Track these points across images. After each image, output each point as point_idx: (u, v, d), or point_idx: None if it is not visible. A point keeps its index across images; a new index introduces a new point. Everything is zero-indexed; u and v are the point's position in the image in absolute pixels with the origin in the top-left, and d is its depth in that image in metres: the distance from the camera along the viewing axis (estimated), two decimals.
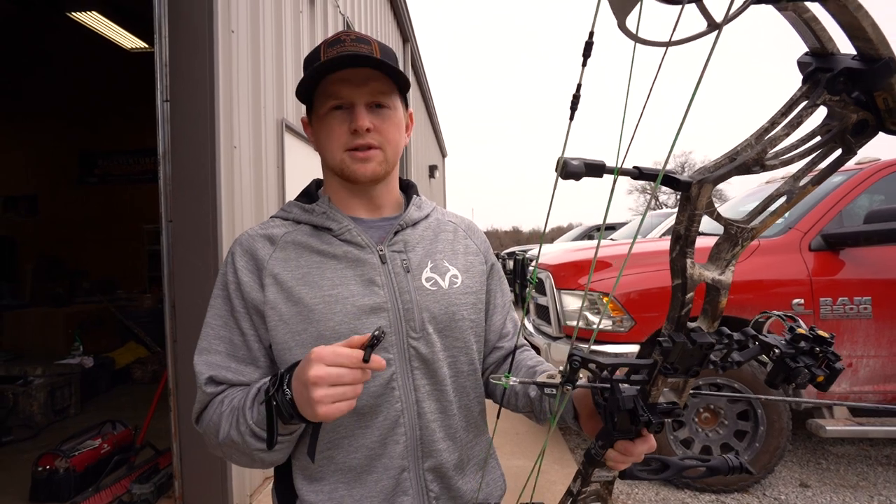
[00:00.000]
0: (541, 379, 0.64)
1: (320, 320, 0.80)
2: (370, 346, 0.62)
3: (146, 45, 5.76)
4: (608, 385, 0.58)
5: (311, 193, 0.94)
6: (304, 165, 3.78)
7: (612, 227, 10.63)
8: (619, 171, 0.41)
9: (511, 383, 0.62)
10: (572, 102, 0.38)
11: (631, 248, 0.50)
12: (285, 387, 0.67)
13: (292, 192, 3.40)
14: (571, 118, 0.39)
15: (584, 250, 3.88)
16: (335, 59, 0.79)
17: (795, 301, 2.86)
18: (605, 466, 0.66)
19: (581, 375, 0.57)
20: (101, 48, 5.80)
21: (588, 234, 10.82)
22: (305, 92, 0.86)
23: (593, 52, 0.38)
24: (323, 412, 0.63)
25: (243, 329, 0.83)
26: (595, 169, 0.41)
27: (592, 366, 0.55)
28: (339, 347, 0.64)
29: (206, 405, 0.82)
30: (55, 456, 2.75)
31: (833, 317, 2.83)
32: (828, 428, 2.80)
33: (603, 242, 5.45)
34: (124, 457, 2.93)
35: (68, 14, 5.02)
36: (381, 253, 0.86)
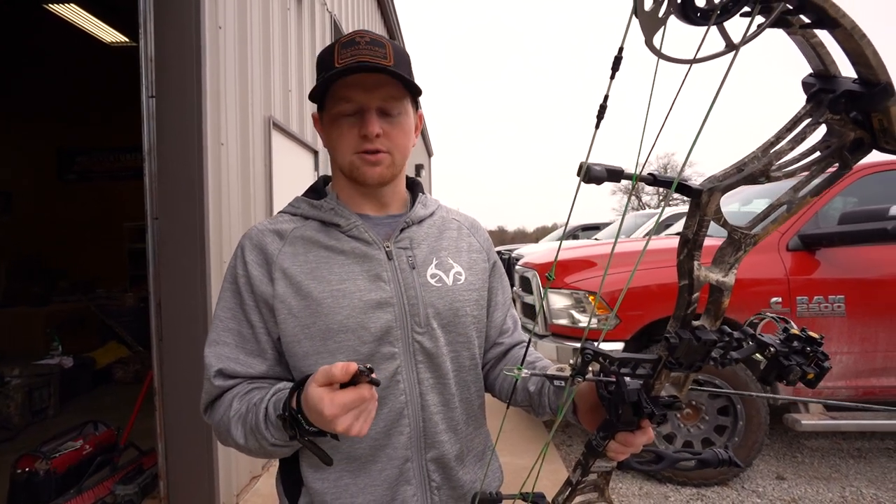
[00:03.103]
0: (550, 372, 0.67)
1: (328, 314, 0.82)
2: (369, 379, 0.64)
3: (126, 39, 5.64)
4: (613, 379, 0.61)
5: (318, 190, 0.95)
6: (291, 163, 3.75)
7: (597, 227, 10.77)
8: (637, 178, 0.43)
9: (524, 375, 0.65)
10: (599, 111, 0.41)
11: (645, 246, 0.53)
12: (306, 426, 0.68)
13: (280, 190, 3.38)
14: (597, 126, 0.41)
15: (570, 249, 3.94)
16: (350, 67, 0.80)
17: (773, 299, 2.95)
18: (605, 457, 0.69)
19: (588, 369, 0.61)
20: (81, 43, 5.65)
21: (573, 234, 10.94)
22: (319, 94, 0.87)
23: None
24: (364, 434, 0.67)
25: (252, 322, 0.85)
26: (615, 174, 0.44)
27: (602, 359, 0.58)
28: (339, 395, 0.64)
29: (214, 397, 0.84)
30: (35, 458, 2.67)
31: (809, 315, 2.93)
32: (803, 422, 2.91)
33: (588, 242, 5.53)
34: (107, 458, 2.86)
35: (46, 6, 4.88)
36: (387, 249, 0.88)
